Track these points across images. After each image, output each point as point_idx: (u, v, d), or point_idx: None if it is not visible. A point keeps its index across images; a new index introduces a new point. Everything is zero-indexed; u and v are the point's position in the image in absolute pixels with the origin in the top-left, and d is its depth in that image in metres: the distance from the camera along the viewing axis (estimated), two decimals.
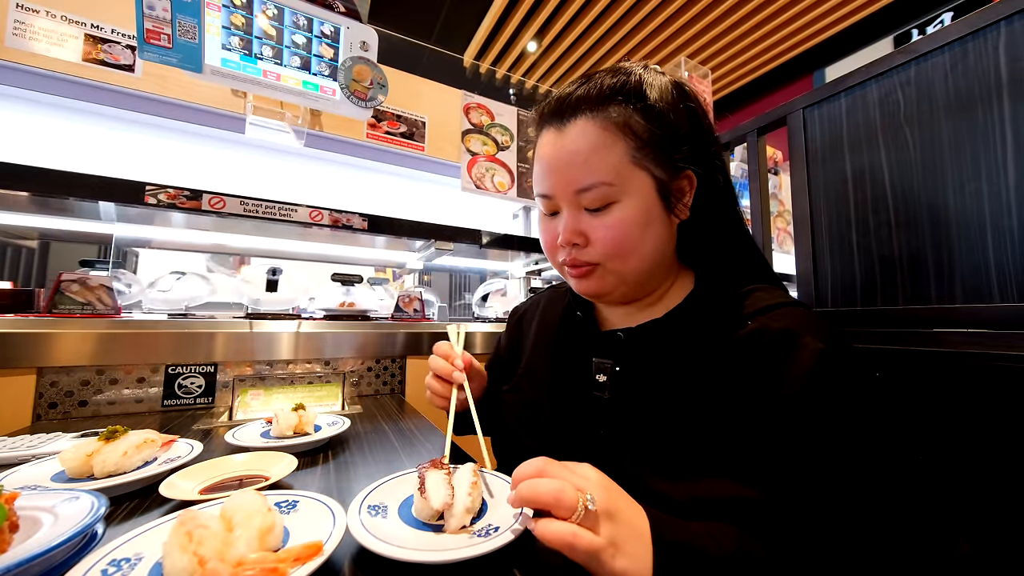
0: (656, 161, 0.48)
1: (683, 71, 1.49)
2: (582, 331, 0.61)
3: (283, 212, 1.23)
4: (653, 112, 0.48)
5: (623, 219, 0.48)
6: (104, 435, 0.56)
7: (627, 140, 0.47)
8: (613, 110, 0.48)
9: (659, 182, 0.49)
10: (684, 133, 0.49)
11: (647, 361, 0.52)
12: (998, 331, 0.59)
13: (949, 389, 0.62)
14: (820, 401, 0.41)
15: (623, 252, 0.49)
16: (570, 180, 0.49)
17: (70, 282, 1.01)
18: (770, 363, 0.44)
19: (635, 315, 0.56)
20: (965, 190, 0.68)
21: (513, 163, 1.87)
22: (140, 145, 1.39)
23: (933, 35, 0.72)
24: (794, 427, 0.41)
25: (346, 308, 1.33)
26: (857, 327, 0.76)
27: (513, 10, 3.27)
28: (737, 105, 4.31)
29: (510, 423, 0.64)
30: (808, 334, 0.44)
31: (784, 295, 0.51)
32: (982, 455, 0.58)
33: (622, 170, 0.47)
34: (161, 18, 1.15)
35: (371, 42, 1.47)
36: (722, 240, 0.55)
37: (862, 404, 0.42)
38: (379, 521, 0.42)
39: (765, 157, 1.03)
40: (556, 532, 0.33)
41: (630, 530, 0.35)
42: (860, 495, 0.40)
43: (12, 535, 0.36)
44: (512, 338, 0.75)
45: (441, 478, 0.44)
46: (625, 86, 0.49)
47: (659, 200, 0.49)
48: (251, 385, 0.94)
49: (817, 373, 0.42)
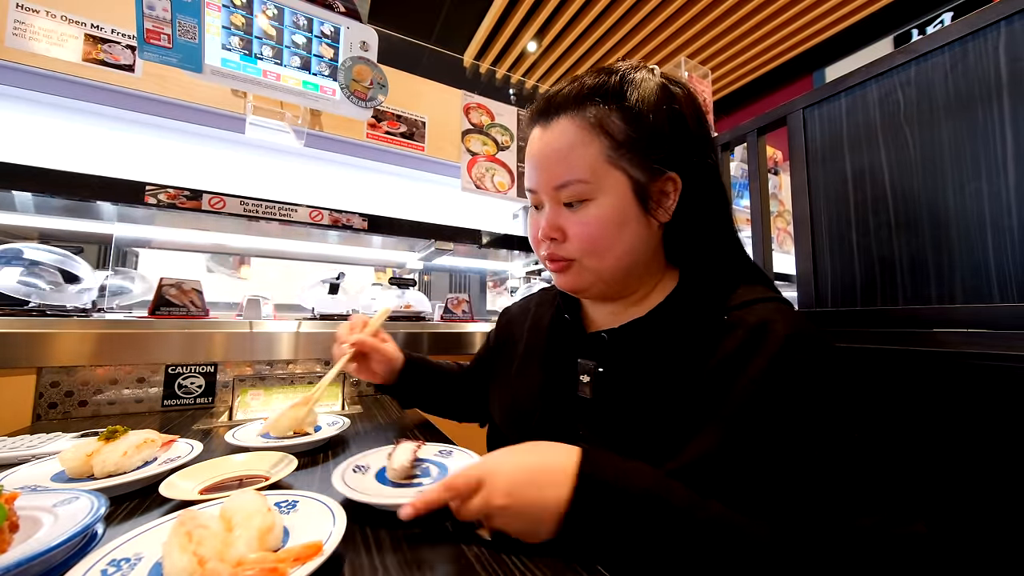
0: (633, 162, 0.49)
1: (683, 71, 1.49)
2: (570, 333, 0.62)
3: (283, 212, 1.24)
4: (631, 113, 0.49)
5: (598, 217, 0.49)
6: (104, 435, 0.56)
7: (602, 140, 0.49)
8: (590, 110, 0.49)
9: (635, 183, 0.49)
10: (664, 135, 0.49)
11: (628, 361, 0.53)
12: (998, 331, 0.59)
13: (949, 389, 0.62)
14: (778, 383, 0.43)
15: (597, 249, 0.50)
16: (550, 176, 0.51)
17: (169, 286, 1.09)
18: (740, 353, 0.45)
19: (620, 315, 0.57)
20: (965, 190, 0.68)
21: (513, 163, 1.87)
22: (140, 145, 1.38)
23: (933, 35, 0.72)
24: (754, 410, 0.43)
25: (403, 310, 1.44)
26: (857, 327, 0.76)
27: (513, 10, 3.28)
28: (737, 105, 4.31)
29: (497, 422, 0.67)
30: (778, 323, 0.45)
31: (767, 292, 0.52)
32: (982, 455, 0.58)
33: (597, 169, 0.49)
34: (161, 18, 1.15)
35: (371, 42, 1.47)
36: (710, 242, 0.55)
37: (821, 386, 0.43)
38: (358, 476, 0.53)
39: (765, 157, 1.03)
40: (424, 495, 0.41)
41: (522, 499, 0.39)
42: (813, 474, 0.41)
43: (12, 535, 0.36)
44: (501, 337, 0.76)
45: (408, 448, 0.55)
46: (604, 87, 0.50)
47: (635, 201, 0.50)
48: (251, 385, 0.94)
49: (779, 356, 0.43)
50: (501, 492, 0.40)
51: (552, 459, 0.42)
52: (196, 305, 1.11)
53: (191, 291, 1.12)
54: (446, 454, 0.62)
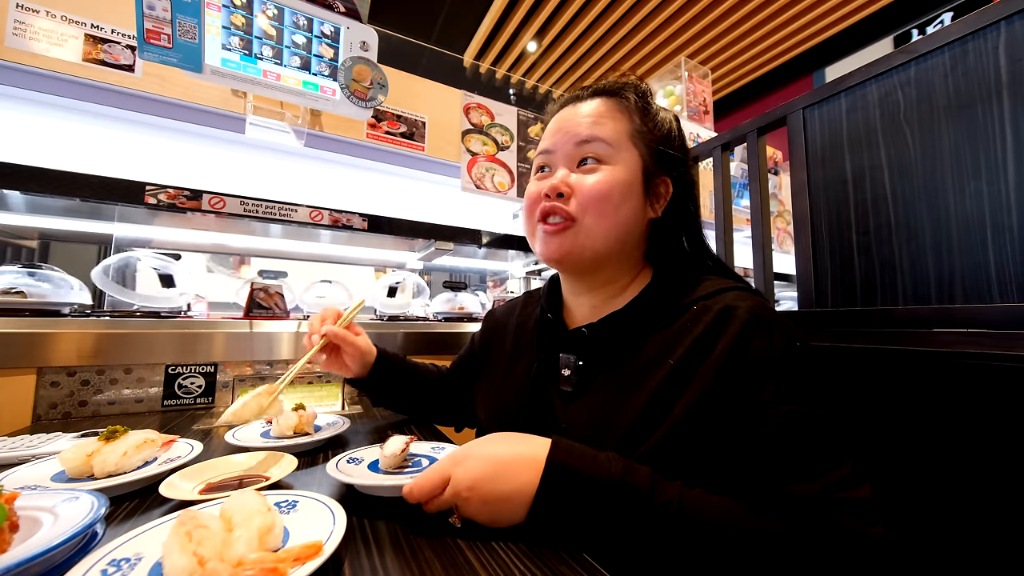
0: (648, 149, 0.57)
1: (683, 71, 1.49)
2: (553, 331, 0.63)
3: (283, 212, 1.24)
4: (651, 113, 0.59)
5: (610, 180, 0.54)
6: (104, 435, 0.56)
7: (632, 119, 0.57)
8: (626, 96, 0.58)
9: (646, 166, 0.56)
10: (670, 140, 0.59)
11: (606, 353, 0.55)
12: (998, 331, 0.59)
13: (949, 389, 0.62)
14: (739, 358, 0.45)
15: (600, 207, 0.54)
16: (575, 133, 0.56)
17: (259, 290, 1.17)
18: (706, 336, 0.48)
19: (600, 308, 0.59)
20: (965, 190, 0.68)
21: (513, 163, 1.87)
22: (140, 145, 1.38)
23: (933, 35, 0.72)
24: (717, 385, 0.45)
25: (457, 311, 1.53)
26: (857, 327, 0.76)
27: (513, 10, 3.28)
28: (737, 105, 4.32)
29: (483, 421, 0.68)
30: (740, 307, 0.48)
31: (733, 283, 0.55)
32: (982, 455, 0.58)
33: (621, 139, 0.56)
34: (161, 18, 1.15)
35: (371, 42, 1.47)
36: (684, 243, 0.61)
37: (780, 361, 0.45)
38: (351, 466, 0.56)
39: (765, 157, 1.03)
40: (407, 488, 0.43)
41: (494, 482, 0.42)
42: (769, 444, 0.43)
43: (12, 535, 0.36)
44: (486, 338, 0.77)
45: (400, 440, 0.57)
46: (636, 88, 0.60)
47: (642, 181, 0.56)
48: (251, 385, 0.94)
49: (741, 335, 0.46)
50: (466, 485, 0.42)
51: (522, 449, 0.44)
52: (279, 308, 1.19)
53: (275, 295, 1.19)
54: (439, 450, 0.63)
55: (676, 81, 1.57)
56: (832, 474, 0.41)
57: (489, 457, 0.44)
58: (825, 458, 0.42)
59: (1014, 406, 0.55)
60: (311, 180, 1.66)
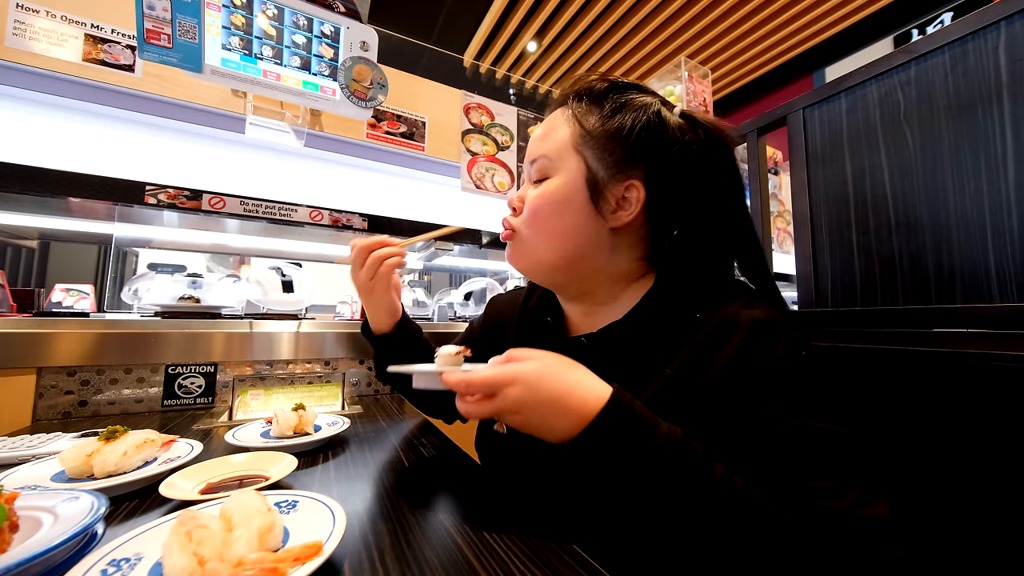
0: (595, 154, 0.52)
1: (683, 71, 1.48)
2: (551, 337, 0.62)
3: (283, 212, 1.24)
4: (605, 112, 0.53)
5: (545, 191, 0.54)
6: (104, 435, 0.56)
7: (575, 128, 0.54)
8: (575, 105, 0.56)
9: (591, 173, 0.52)
10: (630, 137, 0.51)
11: (606, 365, 0.52)
12: (998, 331, 0.59)
13: (949, 389, 0.62)
14: (742, 366, 0.44)
15: (533, 221, 0.55)
16: (529, 153, 0.58)
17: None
18: (708, 346, 0.47)
19: (592, 315, 0.59)
20: (965, 190, 0.68)
21: (513, 163, 1.87)
22: (140, 145, 1.38)
23: (933, 35, 0.72)
24: (721, 393, 0.44)
25: None
26: (857, 327, 0.76)
27: (513, 10, 3.27)
28: (737, 105, 4.31)
29: None
30: (743, 314, 0.47)
31: (750, 289, 0.53)
32: (982, 455, 0.58)
33: (562, 150, 0.54)
34: (161, 18, 1.15)
35: (371, 42, 1.47)
36: (688, 249, 0.54)
37: (783, 367, 0.44)
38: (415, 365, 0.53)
39: (765, 157, 1.03)
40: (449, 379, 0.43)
41: (542, 397, 0.41)
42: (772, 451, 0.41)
43: (12, 535, 0.36)
44: (488, 328, 0.76)
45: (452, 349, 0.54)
46: (592, 89, 0.56)
47: (585, 189, 0.52)
48: (251, 385, 0.94)
49: (744, 343, 0.45)
50: (513, 409, 0.42)
51: (588, 380, 0.43)
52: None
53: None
54: None
55: (676, 81, 1.57)
56: (849, 493, 0.39)
57: (562, 379, 0.42)
58: (834, 475, 0.40)
59: (1014, 406, 0.55)
60: (311, 180, 1.66)
